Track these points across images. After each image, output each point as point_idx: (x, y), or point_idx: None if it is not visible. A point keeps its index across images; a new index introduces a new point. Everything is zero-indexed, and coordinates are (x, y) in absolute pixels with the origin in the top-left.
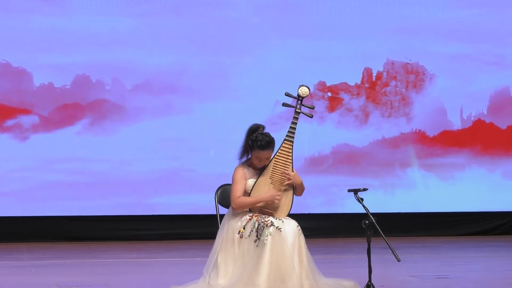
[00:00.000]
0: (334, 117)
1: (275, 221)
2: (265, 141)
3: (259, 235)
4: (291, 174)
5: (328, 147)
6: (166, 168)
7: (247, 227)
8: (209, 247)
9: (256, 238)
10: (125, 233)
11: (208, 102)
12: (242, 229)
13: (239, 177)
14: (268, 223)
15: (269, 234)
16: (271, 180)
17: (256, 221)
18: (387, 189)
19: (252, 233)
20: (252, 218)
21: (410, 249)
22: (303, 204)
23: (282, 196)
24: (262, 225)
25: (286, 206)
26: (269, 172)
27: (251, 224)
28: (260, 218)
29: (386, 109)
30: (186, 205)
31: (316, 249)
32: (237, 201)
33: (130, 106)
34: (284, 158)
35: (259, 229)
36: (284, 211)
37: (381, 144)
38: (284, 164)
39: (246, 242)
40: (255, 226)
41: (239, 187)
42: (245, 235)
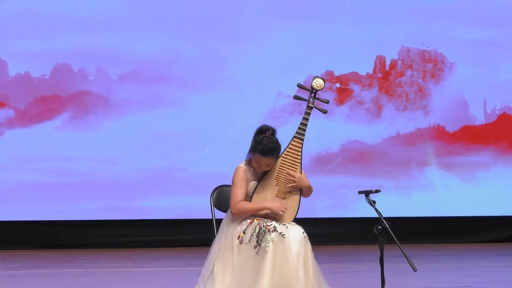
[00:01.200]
0: (343, 111)
1: (279, 226)
2: (268, 146)
3: (259, 241)
4: (296, 177)
5: (336, 144)
6: (156, 167)
7: (247, 231)
8: (204, 256)
9: (256, 244)
10: (109, 239)
11: (202, 93)
12: (242, 233)
13: (240, 179)
14: (271, 228)
15: (271, 241)
16: (276, 182)
17: (257, 225)
18: (402, 191)
19: (253, 238)
20: (253, 222)
21: (428, 258)
22: (308, 207)
23: (288, 199)
24: (264, 229)
25: (291, 211)
26: (275, 173)
27: (251, 228)
28: (262, 222)
29: (401, 101)
30: (178, 209)
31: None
32: (237, 206)
33: (116, 98)
34: (292, 157)
35: (260, 234)
36: (289, 216)
37: (395, 140)
38: (292, 164)
39: (246, 248)
40: (255, 230)
41: (240, 191)
42: (245, 240)
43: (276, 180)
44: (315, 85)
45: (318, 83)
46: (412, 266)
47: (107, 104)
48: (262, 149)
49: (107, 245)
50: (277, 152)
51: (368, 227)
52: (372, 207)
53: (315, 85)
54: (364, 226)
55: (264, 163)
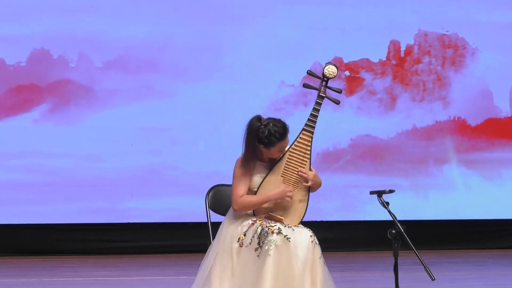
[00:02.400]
0: (353, 102)
1: (284, 228)
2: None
3: (261, 243)
4: (310, 175)
5: (345, 139)
6: (145, 165)
7: (248, 233)
8: (198, 263)
9: (258, 246)
10: (93, 245)
11: (196, 83)
12: (242, 235)
13: (242, 171)
14: (274, 230)
15: (274, 244)
16: (283, 179)
17: (260, 225)
18: (419, 191)
19: (254, 240)
20: (255, 223)
21: (447, 265)
22: (314, 209)
23: (295, 199)
24: (266, 230)
25: (299, 212)
26: (281, 169)
27: (253, 230)
28: (264, 223)
29: (418, 91)
30: (170, 211)
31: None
32: (239, 200)
33: (100, 88)
34: (301, 152)
35: (262, 235)
36: (296, 218)
37: (411, 135)
38: (301, 160)
39: (247, 252)
40: (257, 232)
41: (242, 184)
42: (245, 242)
43: (282, 177)
44: (327, 72)
45: (330, 70)
46: (429, 274)
47: (91, 95)
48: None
49: (91, 251)
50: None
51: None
52: (386, 209)
53: (327, 73)
54: (376, 230)
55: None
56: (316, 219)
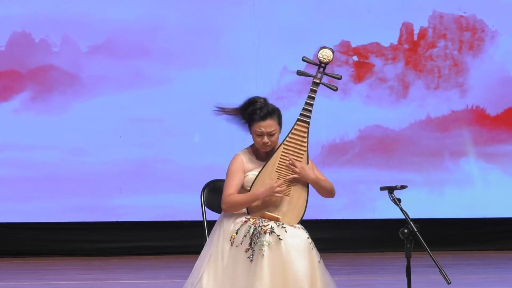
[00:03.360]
0: (361, 90)
1: (277, 228)
2: (265, 110)
3: (252, 244)
4: (298, 166)
5: (353, 130)
6: (135, 158)
7: (240, 231)
8: (193, 266)
9: (249, 246)
10: (79, 246)
11: (191, 69)
12: (234, 234)
13: (235, 169)
14: (267, 229)
15: (267, 244)
16: (278, 174)
17: (253, 224)
18: (434, 187)
19: (245, 240)
20: (248, 221)
21: (465, 268)
22: (319, 207)
23: (293, 196)
24: (259, 230)
25: (298, 210)
26: (276, 163)
27: (245, 228)
28: (258, 222)
29: (432, 78)
30: (162, 209)
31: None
32: (227, 199)
33: (86, 75)
34: (297, 144)
35: (254, 235)
36: (295, 216)
37: (425, 126)
38: (296, 152)
39: (237, 252)
40: (249, 231)
41: (234, 182)
42: (236, 241)
43: (277, 173)
44: (321, 56)
45: (325, 54)
46: (445, 278)
47: (76, 82)
48: (259, 114)
49: (76, 252)
50: (277, 114)
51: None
52: (397, 207)
53: (321, 57)
54: (387, 229)
55: (267, 129)
56: (321, 218)
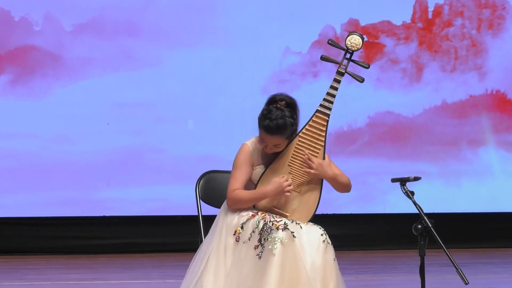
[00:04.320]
0: (371, 72)
1: (291, 224)
2: (276, 122)
3: (263, 240)
4: (315, 163)
5: (362, 116)
6: (124, 147)
7: (247, 226)
8: (187, 265)
9: (258, 243)
10: (62, 243)
11: (184, 49)
12: (239, 228)
13: (242, 161)
14: (280, 225)
15: (280, 241)
16: (290, 168)
17: (262, 219)
18: (450, 179)
19: (254, 236)
20: (257, 215)
21: (484, 267)
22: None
23: (305, 193)
24: (270, 225)
25: (308, 208)
26: (288, 156)
27: (253, 223)
28: (268, 217)
29: (449, 60)
30: (153, 203)
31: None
32: (232, 195)
33: (70, 56)
34: (314, 138)
35: (265, 231)
36: (304, 214)
37: (440, 112)
38: (313, 146)
39: (244, 249)
40: (258, 226)
41: (240, 176)
42: (243, 237)
43: (289, 167)
44: (349, 44)
45: (353, 41)
46: (462, 278)
47: (59, 64)
48: (267, 125)
49: (60, 250)
50: (288, 130)
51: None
52: (410, 200)
53: (349, 44)
54: (399, 225)
55: (271, 142)
56: (328, 212)
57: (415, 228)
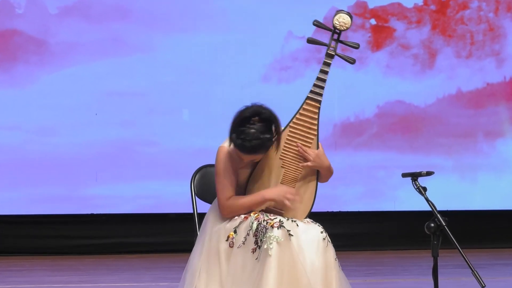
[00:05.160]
0: (380, 59)
1: (286, 222)
2: (249, 145)
3: (259, 241)
4: (312, 155)
5: (371, 106)
6: (113, 139)
7: (240, 230)
8: (181, 266)
9: (255, 246)
10: (47, 243)
11: (178, 34)
12: (232, 233)
13: (226, 165)
14: (275, 223)
15: (275, 240)
16: (282, 162)
17: (255, 219)
18: (465, 173)
19: (249, 239)
20: (249, 216)
21: (502, 268)
22: (330, 197)
23: (300, 188)
24: (264, 225)
25: (304, 205)
26: (279, 151)
27: (246, 226)
28: (261, 216)
29: (464, 45)
30: (145, 199)
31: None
32: (227, 203)
33: (55, 41)
34: (306, 127)
35: (259, 231)
36: (301, 210)
37: (455, 101)
38: (305, 136)
39: (240, 254)
40: (252, 228)
41: (228, 182)
42: (237, 242)
43: (281, 160)
44: (337, 23)
45: (342, 20)
46: (479, 280)
47: (43, 50)
48: (241, 146)
49: (44, 250)
50: (266, 147)
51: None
52: (422, 196)
53: (337, 24)
54: (410, 223)
55: (247, 159)
56: (333, 210)
57: (427, 227)
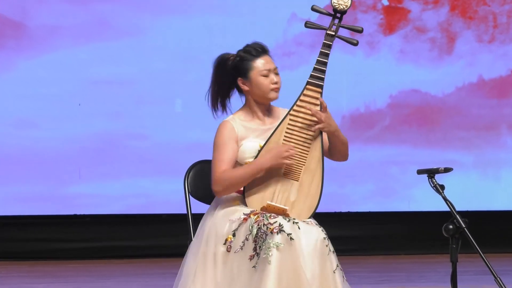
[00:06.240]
0: (394, 44)
1: (287, 224)
2: (260, 45)
3: (258, 248)
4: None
5: (383, 96)
6: (98, 132)
7: (239, 233)
8: (174, 272)
9: (253, 252)
10: (26, 246)
11: (171, 16)
12: (230, 236)
13: (225, 138)
14: (275, 228)
15: (275, 247)
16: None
17: (255, 222)
18: (487, 170)
19: (247, 244)
20: (249, 218)
21: None
22: (338, 196)
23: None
24: (264, 230)
25: (309, 200)
26: (281, 137)
27: (246, 228)
28: (261, 219)
29: (486, 28)
30: (134, 199)
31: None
32: (220, 176)
33: (34, 24)
34: (307, 114)
35: (259, 237)
36: (307, 206)
37: (476, 90)
38: (306, 125)
39: (237, 259)
40: (252, 232)
41: (225, 156)
42: (234, 246)
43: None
44: (335, 3)
45: (341, 1)
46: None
47: (21, 33)
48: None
49: (22, 255)
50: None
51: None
52: (440, 195)
53: (336, 4)
54: (426, 225)
55: (271, 65)
56: (341, 210)
57: (445, 229)
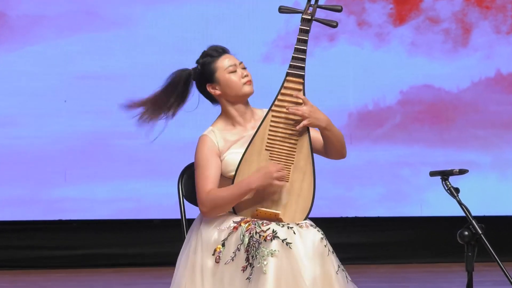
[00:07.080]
0: (404, 36)
1: (281, 229)
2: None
3: (251, 258)
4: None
5: (392, 92)
6: (85, 131)
7: (229, 242)
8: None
9: (246, 263)
10: (8, 254)
11: (163, 5)
12: (219, 246)
13: (206, 155)
14: (268, 236)
15: (270, 255)
16: (269, 153)
17: (246, 230)
18: (506, 172)
19: (239, 254)
20: (240, 226)
21: None
22: (346, 199)
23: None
24: (257, 239)
25: (302, 200)
26: (264, 137)
27: (236, 238)
28: (253, 226)
29: (503, 19)
30: (123, 203)
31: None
32: (207, 197)
33: (16, 14)
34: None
35: (251, 246)
36: (300, 209)
37: (493, 85)
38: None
39: (228, 271)
40: (243, 242)
41: (209, 173)
42: (224, 257)
43: (268, 151)
44: None
45: None
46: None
47: (1, 24)
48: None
49: (4, 264)
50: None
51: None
52: (455, 199)
53: None
54: (440, 231)
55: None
56: (348, 215)
57: (460, 235)
